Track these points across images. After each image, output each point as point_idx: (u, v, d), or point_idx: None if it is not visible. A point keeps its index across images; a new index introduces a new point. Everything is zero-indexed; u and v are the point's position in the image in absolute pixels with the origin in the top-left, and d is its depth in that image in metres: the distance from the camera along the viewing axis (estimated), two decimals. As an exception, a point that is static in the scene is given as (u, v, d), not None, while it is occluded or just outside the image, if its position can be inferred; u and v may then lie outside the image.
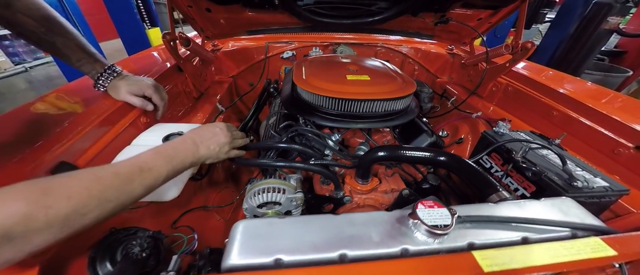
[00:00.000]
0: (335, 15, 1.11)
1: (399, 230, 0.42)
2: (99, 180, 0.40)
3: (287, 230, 0.43)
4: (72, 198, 0.36)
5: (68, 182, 0.38)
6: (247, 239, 0.42)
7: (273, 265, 0.38)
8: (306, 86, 0.85)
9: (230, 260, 0.39)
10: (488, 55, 1.18)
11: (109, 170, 0.43)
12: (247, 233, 0.43)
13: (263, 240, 0.41)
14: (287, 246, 0.40)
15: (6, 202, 0.32)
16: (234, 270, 0.38)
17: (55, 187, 0.36)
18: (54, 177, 0.38)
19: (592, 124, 0.84)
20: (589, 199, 0.60)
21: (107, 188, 0.40)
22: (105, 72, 0.72)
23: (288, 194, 0.76)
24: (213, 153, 0.63)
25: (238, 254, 0.39)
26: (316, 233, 0.42)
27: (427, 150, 0.68)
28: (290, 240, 0.41)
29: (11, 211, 0.32)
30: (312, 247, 0.40)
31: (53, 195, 0.35)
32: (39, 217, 0.33)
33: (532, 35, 3.20)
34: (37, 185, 0.35)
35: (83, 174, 0.40)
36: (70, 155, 0.56)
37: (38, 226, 0.33)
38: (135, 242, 0.48)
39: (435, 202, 0.43)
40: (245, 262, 0.38)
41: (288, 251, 0.39)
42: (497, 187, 0.56)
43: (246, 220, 0.46)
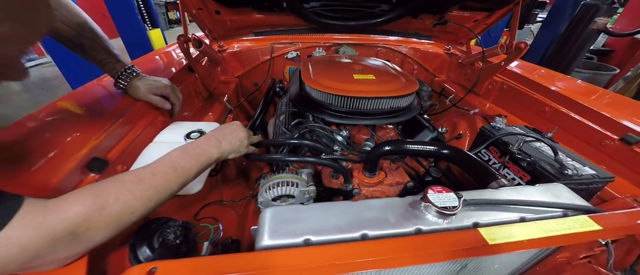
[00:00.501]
0: (340, 17, 1.16)
1: (412, 213, 0.47)
2: (141, 181, 0.46)
3: (312, 215, 0.47)
4: (120, 199, 0.42)
5: (115, 185, 0.43)
6: (276, 223, 0.46)
7: (303, 244, 0.42)
8: (315, 85, 0.90)
9: (263, 242, 0.43)
10: (484, 55, 1.25)
11: (147, 171, 0.48)
12: (276, 218, 0.47)
13: (291, 224, 0.46)
14: (314, 228, 0.45)
15: (70, 207, 0.37)
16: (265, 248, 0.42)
17: (106, 191, 0.41)
18: (103, 182, 0.43)
19: (580, 118, 0.91)
20: (579, 186, 0.66)
21: (147, 188, 0.46)
22: (125, 71, 0.76)
23: (301, 187, 0.81)
24: (235, 147, 0.68)
25: (269, 236, 0.44)
26: (338, 217, 0.47)
27: (432, 144, 0.73)
28: (316, 223, 0.46)
29: (74, 213, 0.37)
30: (336, 228, 0.45)
31: (105, 198, 0.40)
32: (96, 217, 0.39)
33: (525, 35, 3.31)
34: (91, 191, 0.41)
35: (126, 177, 0.46)
36: (100, 151, 0.60)
37: (96, 225, 0.39)
38: (170, 230, 0.52)
39: (444, 188, 0.48)
40: (278, 242, 0.43)
41: (315, 232, 0.44)
42: (496, 175, 0.62)
43: (273, 207, 0.50)
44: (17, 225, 0.33)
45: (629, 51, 2.94)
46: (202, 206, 0.78)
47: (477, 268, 0.56)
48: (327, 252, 0.38)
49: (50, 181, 0.49)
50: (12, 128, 0.58)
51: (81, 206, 0.38)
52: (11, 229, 0.32)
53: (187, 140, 0.72)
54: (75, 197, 0.39)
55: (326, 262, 0.35)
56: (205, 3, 1.04)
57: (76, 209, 0.38)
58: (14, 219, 0.33)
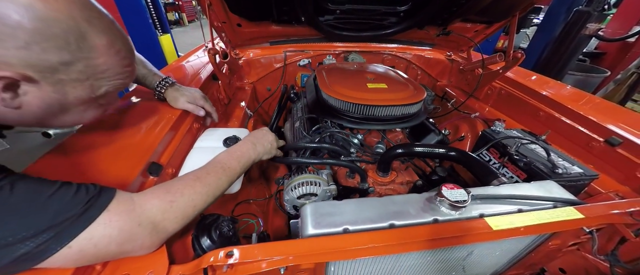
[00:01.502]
0: (352, 29, 1.26)
1: (428, 206, 0.57)
2: (199, 179, 0.55)
3: (346, 209, 0.57)
4: (185, 194, 0.51)
5: (178, 183, 0.53)
6: (317, 216, 0.56)
7: (343, 232, 0.52)
8: (333, 93, 0.99)
9: (307, 231, 0.53)
10: (484, 62, 1.35)
11: (203, 171, 0.58)
12: (316, 212, 0.57)
13: (329, 217, 0.55)
14: (350, 220, 0.54)
15: (149, 200, 0.47)
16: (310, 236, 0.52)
17: (173, 187, 0.51)
18: (170, 182, 0.52)
19: (571, 122, 1.01)
20: (568, 183, 0.76)
21: (205, 185, 0.55)
22: (161, 82, 0.85)
23: (323, 186, 0.90)
24: (267, 149, 0.77)
25: (312, 227, 0.53)
26: (369, 210, 0.56)
27: (439, 147, 0.83)
28: (351, 216, 0.55)
29: (153, 205, 0.47)
30: (368, 219, 0.54)
31: (173, 193, 0.50)
32: (168, 209, 0.48)
33: (521, 38, 3.45)
34: (163, 188, 0.50)
35: (187, 176, 0.55)
36: (155, 156, 0.69)
37: (169, 216, 0.48)
38: (224, 223, 0.61)
39: (455, 185, 0.58)
40: (320, 231, 0.52)
41: (351, 223, 0.53)
42: (497, 174, 0.72)
43: (313, 203, 0.60)
44: (114, 210, 0.42)
45: (620, 54, 3.08)
46: (236, 204, 0.87)
47: (481, 255, 0.66)
48: (364, 238, 0.47)
49: (123, 185, 0.58)
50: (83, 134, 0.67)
51: (157, 200, 0.47)
52: (110, 212, 0.41)
53: (225, 145, 0.80)
54: (153, 193, 0.49)
55: (368, 245, 0.45)
56: (229, 16, 1.13)
57: (154, 201, 0.47)
58: (111, 203, 0.42)
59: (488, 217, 0.51)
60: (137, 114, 0.80)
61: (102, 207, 0.41)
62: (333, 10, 1.14)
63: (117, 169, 0.60)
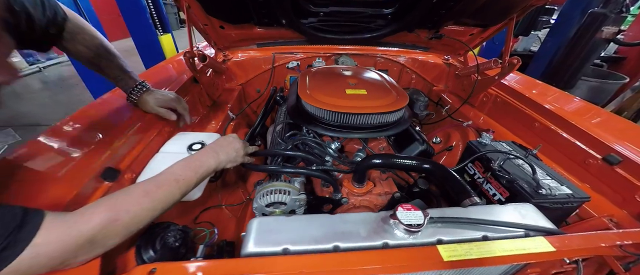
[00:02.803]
0: (337, 31, 1.22)
1: (382, 227, 0.53)
2: (147, 194, 0.53)
3: (292, 226, 0.53)
4: (130, 211, 0.49)
5: (125, 199, 0.50)
6: (260, 232, 0.53)
7: (282, 253, 0.48)
8: (309, 100, 0.96)
9: (247, 248, 0.50)
10: (479, 68, 1.27)
11: (153, 184, 0.55)
12: (261, 228, 0.54)
13: (273, 234, 0.52)
14: (293, 239, 0.51)
15: (88, 221, 0.44)
16: (250, 256, 0.49)
17: (117, 205, 0.49)
18: (115, 196, 0.50)
19: (567, 136, 0.93)
20: (553, 205, 0.69)
21: (153, 200, 0.53)
22: (136, 87, 0.84)
23: (292, 195, 0.87)
24: (232, 157, 0.75)
25: (254, 244, 0.50)
26: (316, 229, 0.53)
27: (413, 159, 0.78)
28: (295, 234, 0.52)
29: (92, 227, 0.44)
30: (312, 239, 0.50)
31: (116, 211, 0.47)
32: (110, 227, 0.46)
33: (531, 41, 3.25)
34: (105, 205, 0.48)
35: (135, 190, 0.53)
36: (113, 161, 0.68)
37: (110, 234, 0.46)
38: (170, 233, 0.59)
39: (413, 206, 0.53)
40: (260, 250, 0.49)
41: (293, 242, 0.50)
42: (470, 193, 0.66)
43: (259, 217, 0.57)
44: (42, 239, 0.39)
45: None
46: (202, 210, 0.85)
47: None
48: (299, 262, 0.44)
49: (71, 190, 0.57)
50: (43, 136, 0.67)
51: (98, 219, 0.45)
52: (38, 243, 0.38)
53: (189, 151, 0.79)
54: (93, 212, 0.46)
55: (296, 271, 0.41)
56: (210, 19, 1.11)
57: (94, 222, 0.44)
58: (39, 233, 0.39)
59: (443, 245, 0.46)
60: (102, 117, 0.79)
61: (26, 240, 0.38)
62: (316, 13, 1.10)
63: (68, 175, 0.59)
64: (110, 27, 2.66)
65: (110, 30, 2.68)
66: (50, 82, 4.52)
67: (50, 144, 0.66)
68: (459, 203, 0.66)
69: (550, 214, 0.67)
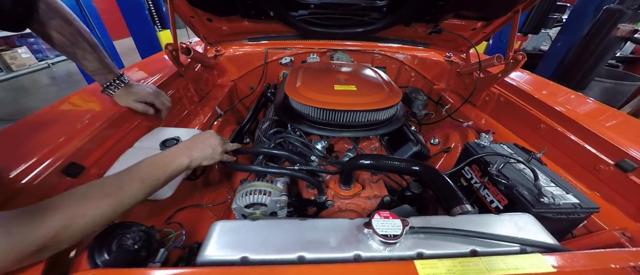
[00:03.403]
0: (329, 25, 1.16)
1: (356, 237, 0.47)
2: (107, 196, 0.49)
3: (257, 232, 0.48)
4: (86, 216, 0.45)
5: (81, 203, 0.46)
6: (222, 238, 0.48)
7: (239, 262, 0.43)
8: (295, 96, 0.90)
9: (203, 254, 0.45)
10: (481, 65, 1.19)
11: (114, 185, 0.51)
12: (223, 232, 0.49)
13: (235, 240, 0.47)
14: (255, 246, 0.45)
15: (36, 231, 0.40)
16: (206, 264, 0.43)
17: (71, 208, 0.44)
18: (70, 198, 0.46)
19: (576, 139, 0.85)
20: (557, 215, 0.62)
21: (113, 203, 0.49)
22: (114, 81, 0.80)
23: (273, 197, 0.82)
24: (207, 154, 0.70)
25: (211, 250, 0.45)
26: (282, 236, 0.47)
27: (401, 160, 0.72)
28: (258, 241, 0.46)
29: (41, 235, 0.40)
30: (275, 248, 0.45)
31: (71, 217, 0.43)
32: (63, 233, 0.42)
33: (542, 40, 3.09)
34: (58, 209, 0.43)
35: (93, 192, 0.48)
36: (79, 156, 0.64)
37: (62, 239, 0.42)
38: (129, 235, 0.55)
39: (392, 214, 0.47)
40: (216, 257, 0.44)
41: (254, 250, 0.45)
42: (462, 200, 0.59)
43: (223, 221, 0.51)
44: None
45: (663, 60, 2.68)
46: (177, 210, 0.81)
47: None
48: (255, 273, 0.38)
49: (29, 185, 0.53)
50: (8, 130, 0.63)
51: (48, 229, 0.40)
52: None
53: (162, 148, 0.75)
54: (43, 220, 0.41)
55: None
56: (196, 11, 1.07)
57: (43, 231, 0.40)
58: None
59: (421, 260, 0.40)
60: (76, 110, 0.76)
61: None
62: (306, 5, 1.04)
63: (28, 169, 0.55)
64: (112, 26, 2.67)
65: (113, 29, 2.68)
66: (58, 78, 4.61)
67: (15, 137, 0.63)
68: (449, 210, 0.59)
69: (553, 225, 0.60)
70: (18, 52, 4.27)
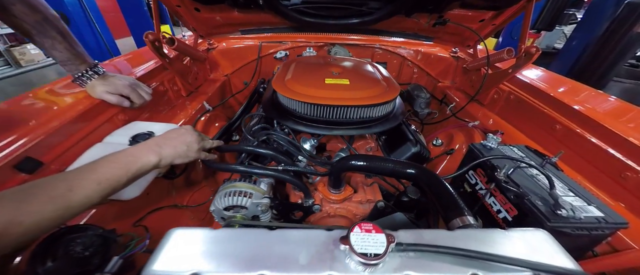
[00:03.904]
0: (324, 16, 1.08)
1: (331, 253, 0.39)
2: (52, 200, 0.42)
3: (218, 244, 0.41)
4: (23, 224, 0.39)
5: (19, 207, 0.39)
6: (176, 248, 0.41)
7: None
8: (282, 89, 0.83)
9: (149, 268, 0.38)
10: (489, 59, 1.09)
11: (64, 186, 0.44)
12: (178, 242, 0.42)
13: (190, 252, 0.40)
14: (211, 260, 0.38)
15: None
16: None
17: (11, 212, 0.38)
18: (9, 202, 0.39)
19: (598, 142, 0.74)
20: (576, 231, 0.52)
21: (59, 207, 0.43)
22: (87, 72, 0.75)
23: (255, 199, 0.75)
24: (180, 152, 0.64)
25: (160, 263, 0.38)
26: (244, 249, 0.40)
27: (396, 162, 0.63)
28: (217, 254, 0.39)
29: None
30: (235, 264, 0.38)
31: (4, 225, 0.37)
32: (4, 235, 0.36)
33: (556, 37, 2.91)
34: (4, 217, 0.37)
35: (37, 193, 0.42)
36: (37, 151, 0.58)
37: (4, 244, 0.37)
38: (80, 240, 0.49)
39: (374, 226, 0.39)
40: (162, 271, 0.37)
41: (209, 266, 0.37)
42: (463, 211, 0.51)
43: (182, 228, 0.44)
44: None
45: (690, 59, 2.48)
46: (148, 212, 0.75)
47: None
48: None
49: None
50: None
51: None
52: None
53: (131, 143, 0.68)
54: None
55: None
56: (183, 0, 1.01)
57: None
58: None
59: (407, 288, 0.32)
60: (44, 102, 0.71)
61: None
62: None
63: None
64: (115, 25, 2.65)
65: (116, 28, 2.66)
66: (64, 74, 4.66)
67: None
68: (447, 222, 0.51)
69: (571, 242, 0.51)
70: (27, 48, 4.34)
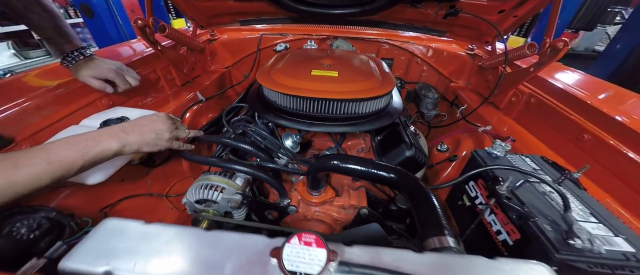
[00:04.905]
0: (321, 4, 1.01)
1: (264, 266, 0.33)
2: None
3: (145, 240, 0.37)
4: None
5: None
6: (100, 241, 0.37)
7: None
8: (265, 80, 0.78)
9: (64, 261, 0.34)
10: (507, 56, 0.95)
11: (10, 163, 0.43)
12: (108, 233, 0.38)
13: (114, 246, 0.36)
14: (131, 259, 0.34)
15: None
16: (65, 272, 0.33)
17: None
18: None
19: (635, 156, 0.60)
20: (594, 267, 0.41)
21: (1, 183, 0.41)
22: (73, 53, 0.75)
23: (226, 194, 0.70)
24: (148, 140, 0.61)
25: (77, 256, 0.35)
26: (171, 249, 0.35)
27: (373, 164, 0.55)
28: (142, 252, 0.35)
29: None
30: (155, 265, 0.33)
31: None
32: None
33: (596, 39, 2.53)
34: None
35: None
36: (9, 128, 0.59)
37: None
38: (27, 221, 0.47)
39: (317, 238, 0.32)
40: (77, 266, 0.33)
41: (126, 265, 0.33)
42: (443, 230, 0.42)
43: (116, 219, 0.41)
44: None
45: None
46: (120, 199, 0.73)
47: None
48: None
49: None
50: None
51: None
52: None
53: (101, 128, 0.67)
54: None
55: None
56: (178, -14, 1.00)
57: None
58: None
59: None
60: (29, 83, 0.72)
61: None
62: (293, -22, 0.91)
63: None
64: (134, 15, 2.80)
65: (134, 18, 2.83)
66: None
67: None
68: (422, 241, 0.42)
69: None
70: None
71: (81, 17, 2.62)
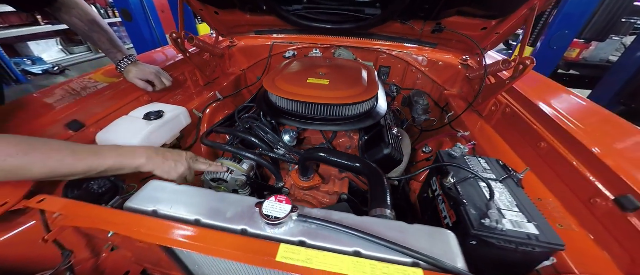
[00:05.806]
0: (323, 21, 1.17)
1: (249, 214, 0.50)
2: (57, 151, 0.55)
3: (178, 194, 0.55)
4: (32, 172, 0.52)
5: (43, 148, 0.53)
6: (149, 193, 0.56)
7: (150, 213, 0.51)
8: (269, 86, 0.95)
9: (128, 203, 0.54)
10: (486, 70, 1.06)
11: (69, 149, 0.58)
12: (151, 189, 0.57)
13: (157, 196, 0.55)
14: (169, 204, 0.52)
15: None
16: (127, 209, 0.52)
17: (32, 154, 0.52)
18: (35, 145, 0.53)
19: (576, 163, 0.70)
20: (502, 243, 0.54)
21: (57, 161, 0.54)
22: (124, 60, 0.98)
23: (234, 175, 0.89)
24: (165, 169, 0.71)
25: (135, 200, 0.54)
26: (193, 200, 0.53)
27: (347, 156, 0.71)
28: (174, 201, 0.53)
29: None
30: (183, 208, 0.51)
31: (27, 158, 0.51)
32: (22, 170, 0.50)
33: (610, 50, 2.41)
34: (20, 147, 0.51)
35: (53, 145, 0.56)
36: (82, 116, 0.81)
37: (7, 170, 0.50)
38: (96, 182, 0.68)
39: (287, 199, 0.49)
40: (136, 206, 0.53)
41: (165, 207, 0.52)
42: (385, 204, 0.56)
43: (157, 181, 0.60)
44: None
45: None
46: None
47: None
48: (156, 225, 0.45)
49: (39, 131, 0.71)
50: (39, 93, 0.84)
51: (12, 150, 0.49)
52: None
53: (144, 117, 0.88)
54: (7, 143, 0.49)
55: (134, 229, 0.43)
56: (206, 6, 1.20)
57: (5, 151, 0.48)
58: None
59: (286, 245, 0.41)
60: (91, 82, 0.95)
61: None
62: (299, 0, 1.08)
63: (43, 120, 0.74)
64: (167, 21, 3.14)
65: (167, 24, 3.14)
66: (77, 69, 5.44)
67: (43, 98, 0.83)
68: (369, 211, 0.57)
69: (500, 254, 0.54)
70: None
71: (121, 20, 2.97)
